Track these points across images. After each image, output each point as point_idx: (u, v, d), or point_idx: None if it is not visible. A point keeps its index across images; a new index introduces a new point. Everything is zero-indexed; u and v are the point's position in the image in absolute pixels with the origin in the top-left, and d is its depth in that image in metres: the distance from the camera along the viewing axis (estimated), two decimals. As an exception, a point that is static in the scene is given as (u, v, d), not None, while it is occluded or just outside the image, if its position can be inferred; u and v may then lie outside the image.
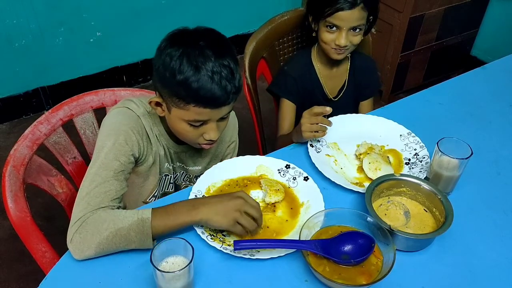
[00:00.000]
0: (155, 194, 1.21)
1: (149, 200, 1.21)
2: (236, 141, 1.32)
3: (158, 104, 1.05)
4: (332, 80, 1.54)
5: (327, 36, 1.40)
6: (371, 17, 1.42)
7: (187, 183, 1.28)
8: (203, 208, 0.96)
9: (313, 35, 1.46)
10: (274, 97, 1.62)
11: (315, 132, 1.19)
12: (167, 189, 1.24)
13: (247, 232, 0.99)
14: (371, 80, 1.58)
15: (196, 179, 1.12)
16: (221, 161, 1.28)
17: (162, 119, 1.13)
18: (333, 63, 1.51)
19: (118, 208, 0.99)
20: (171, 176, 1.22)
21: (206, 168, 1.19)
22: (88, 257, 0.93)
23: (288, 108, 1.51)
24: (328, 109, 1.16)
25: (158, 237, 0.96)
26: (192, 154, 1.22)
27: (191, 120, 1.01)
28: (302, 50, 1.59)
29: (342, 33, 1.37)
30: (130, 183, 1.13)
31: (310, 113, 1.19)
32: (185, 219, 0.96)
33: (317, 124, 1.18)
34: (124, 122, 1.06)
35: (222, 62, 0.97)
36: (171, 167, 1.20)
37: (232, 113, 1.24)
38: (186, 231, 1.00)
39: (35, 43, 2.42)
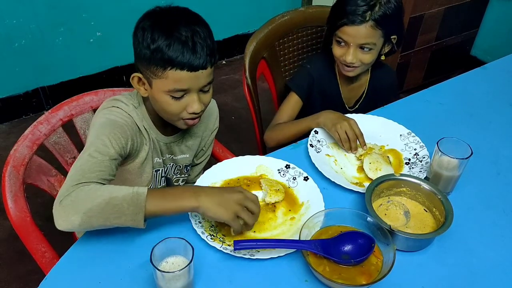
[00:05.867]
0: None
1: None
2: (218, 127, 1.32)
3: (140, 82, 1.05)
4: (352, 91, 1.52)
5: (336, 50, 1.38)
6: (394, 36, 1.37)
7: (178, 176, 1.27)
8: (204, 197, 0.94)
9: (331, 47, 1.42)
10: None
11: (340, 136, 1.22)
12: (160, 184, 1.24)
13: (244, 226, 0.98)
14: (389, 93, 1.53)
15: (186, 170, 1.11)
16: (203, 148, 1.29)
17: (150, 112, 1.12)
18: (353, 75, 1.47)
19: None
20: (162, 170, 1.22)
21: (193, 156, 1.17)
22: (71, 226, 0.89)
23: (293, 102, 1.48)
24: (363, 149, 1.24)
25: (150, 218, 0.93)
26: (179, 143, 1.22)
27: (171, 90, 1.01)
28: (326, 51, 1.51)
29: (350, 49, 1.34)
30: (123, 181, 1.12)
31: (355, 126, 1.23)
32: (183, 203, 0.94)
33: (346, 136, 1.22)
34: (117, 119, 1.05)
35: (194, 27, 0.99)
36: (161, 161, 1.20)
37: (214, 101, 1.23)
38: (186, 231, 1.00)
39: (35, 43, 2.42)
